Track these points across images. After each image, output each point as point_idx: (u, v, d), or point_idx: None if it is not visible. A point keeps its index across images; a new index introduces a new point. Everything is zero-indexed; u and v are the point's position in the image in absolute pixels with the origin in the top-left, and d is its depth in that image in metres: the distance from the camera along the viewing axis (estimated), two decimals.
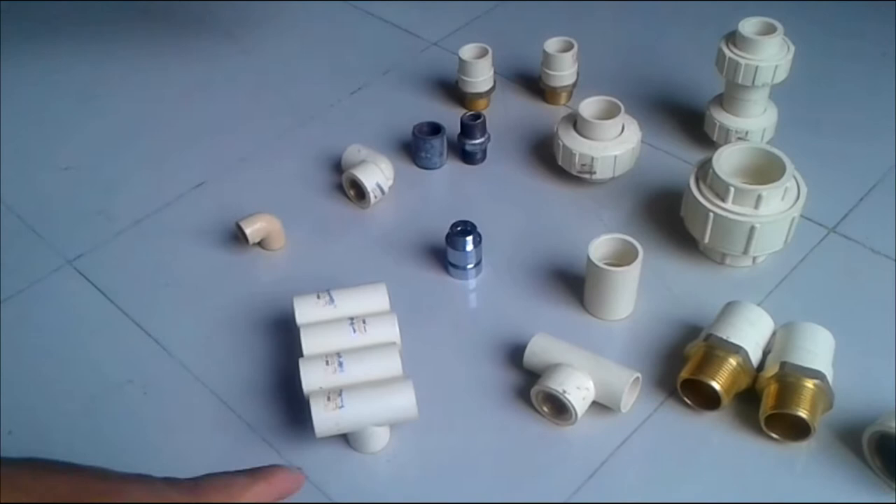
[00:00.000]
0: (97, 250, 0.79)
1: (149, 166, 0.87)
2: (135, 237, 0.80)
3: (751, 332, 0.65)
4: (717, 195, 0.71)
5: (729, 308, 0.67)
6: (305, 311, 0.66)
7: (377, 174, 0.80)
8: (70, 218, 0.82)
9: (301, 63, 1.00)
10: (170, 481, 0.45)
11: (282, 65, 1.00)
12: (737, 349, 0.63)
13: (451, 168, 0.86)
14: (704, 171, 0.73)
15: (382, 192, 0.81)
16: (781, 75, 0.78)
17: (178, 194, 0.84)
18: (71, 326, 0.72)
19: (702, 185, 0.73)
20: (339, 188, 0.83)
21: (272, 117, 0.92)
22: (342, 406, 0.59)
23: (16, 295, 0.75)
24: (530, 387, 0.64)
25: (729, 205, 0.71)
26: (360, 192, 0.81)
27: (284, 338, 0.70)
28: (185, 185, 0.85)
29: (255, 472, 0.47)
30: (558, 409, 0.64)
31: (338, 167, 0.84)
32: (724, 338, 0.64)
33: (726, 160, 0.72)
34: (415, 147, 0.85)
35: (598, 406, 0.64)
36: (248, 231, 0.75)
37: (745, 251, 0.72)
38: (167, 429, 0.65)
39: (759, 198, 0.69)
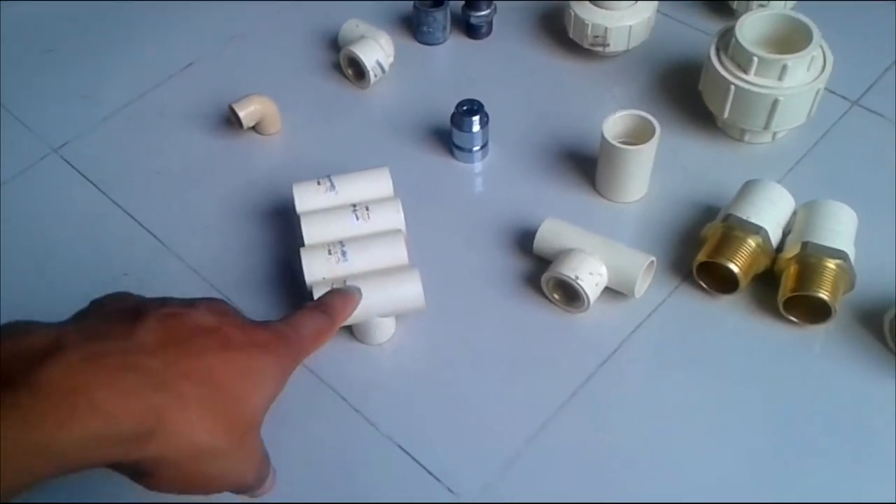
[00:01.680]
0: (83, 137, 0.75)
1: (134, 46, 0.83)
2: (123, 122, 0.76)
3: (771, 212, 0.62)
4: (739, 66, 0.67)
5: (748, 187, 0.64)
6: (305, 199, 0.63)
7: (377, 51, 0.76)
8: (54, 103, 0.78)
9: None
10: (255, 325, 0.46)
11: None
12: (756, 229, 0.60)
13: (455, 43, 0.81)
14: (726, 41, 0.69)
15: (383, 70, 0.76)
16: None
17: (167, 76, 0.79)
18: (61, 219, 0.70)
19: (723, 56, 0.68)
20: (337, 67, 0.79)
21: None
22: None
23: (2, 185, 0.72)
24: (541, 274, 0.62)
25: (752, 76, 0.66)
26: (358, 71, 0.77)
27: (284, 227, 0.68)
28: (173, 66, 0.80)
29: (318, 306, 0.51)
30: (570, 295, 0.62)
31: (335, 44, 0.79)
32: (744, 217, 0.61)
33: (750, 28, 0.68)
34: (416, 21, 0.80)
35: (610, 292, 0.62)
36: (241, 114, 0.71)
37: (766, 126, 0.68)
38: None
39: (784, 68, 0.65)
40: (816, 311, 0.59)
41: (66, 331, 0.40)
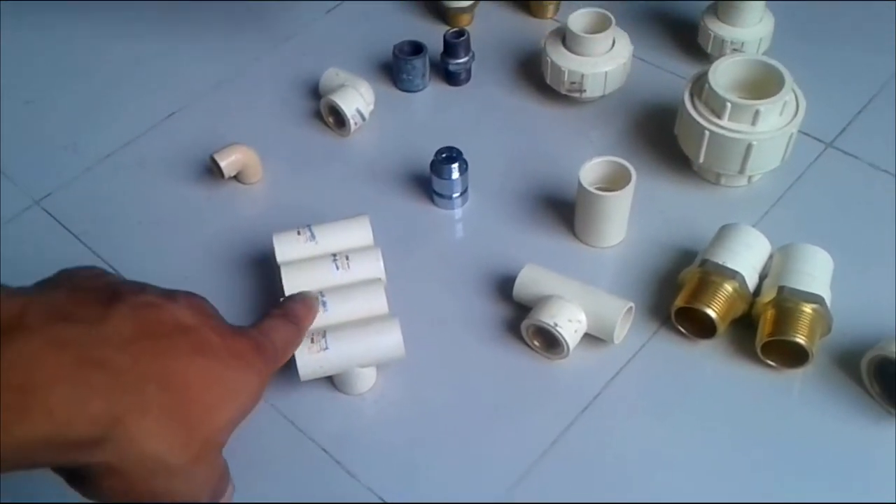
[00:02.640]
0: (66, 188, 0.75)
1: (115, 96, 0.83)
2: (104, 172, 0.76)
3: (747, 256, 0.63)
4: (713, 111, 0.68)
5: (724, 231, 0.65)
6: (286, 249, 0.64)
7: (357, 99, 0.76)
8: (35, 155, 0.78)
9: None
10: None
11: None
12: (733, 274, 0.61)
13: (435, 90, 0.82)
14: (699, 87, 0.70)
15: (363, 118, 0.77)
16: None
17: (149, 126, 0.80)
18: (41, 270, 0.69)
19: (696, 102, 0.69)
20: (318, 115, 0.79)
21: (245, 40, 0.88)
22: (326, 348, 0.57)
23: None
24: (520, 320, 0.62)
25: (725, 121, 0.67)
26: (339, 120, 0.77)
27: (265, 276, 0.68)
28: (155, 116, 0.81)
29: (284, 314, 0.50)
30: (550, 342, 0.62)
31: (315, 93, 0.80)
32: (720, 262, 0.62)
33: (722, 74, 0.69)
34: (396, 69, 0.81)
35: (590, 338, 0.62)
36: (222, 164, 0.72)
37: (741, 170, 0.69)
38: None
39: (756, 113, 0.66)
40: (794, 356, 0.60)
41: (31, 302, 0.37)
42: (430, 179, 0.71)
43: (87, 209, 0.74)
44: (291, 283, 0.61)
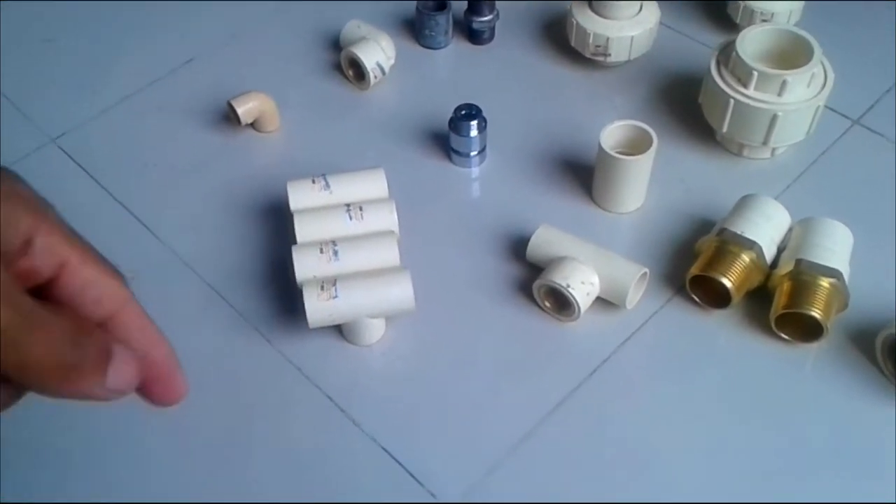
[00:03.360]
0: (82, 128, 0.75)
1: (135, 39, 0.82)
2: (121, 115, 0.76)
3: (766, 227, 0.62)
4: (739, 80, 0.67)
5: (744, 201, 0.64)
6: (299, 197, 0.63)
7: (378, 53, 0.76)
8: (53, 93, 0.78)
9: None
10: None
11: None
12: (751, 245, 0.60)
13: (457, 48, 0.81)
14: (726, 55, 0.68)
15: (383, 72, 0.76)
16: None
17: (168, 70, 0.79)
18: (56, 208, 0.69)
19: (723, 70, 0.68)
20: (338, 67, 0.79)
21: None
22: (336, 296, 0.57)
23: None
24: (533, 281, 0.61)
25: (751, 91, 0.66)
26: (359, 72, 0.77)
27: (278, 224, 0.67)
28: (174, 61, 0.80)
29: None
30: (561, 304, 0.61)
31: (336, 45, 0.79)
32: (738, 232, 0.61)
33: (750, 43, 0.68)
34: (418, 24, 0.80)
35: (602, 302, 0.61)
36: (240, 111, 0.71)
37: (765, 142, 0.68)
38: (156, 316, 0.62)
39: (783, 83, 0.65)
40: (809, 330, 0.59)
41: None
42: (448, 137, 0.70)
43: (103, 150, 0.73)
44: (304, 231, 0.61)
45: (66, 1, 0.86)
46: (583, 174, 0.70)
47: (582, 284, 0.60)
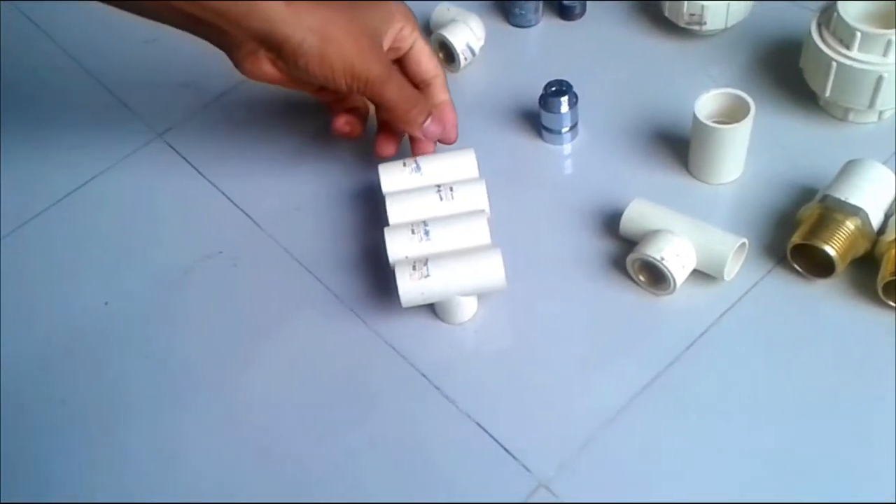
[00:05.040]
0: (186, 123, 0.78)
1: None
2: (222, 109, 0.79)
3: (872, 193, 0.59)
4: (842, 42, 0.64)
5: (849, 167, 0.61)
6: (391, 179, 0.64)
7: (467, 34, 0.76)
8: (157, 91, 0.81)
9: None
10: None
11: None
12: (855, 211, 0.58)
13: (547, 25, 0.80)
14: (828, 17, 0.65)
15: (473, 53, 0.76)
16: None
17: None
18: (162, 199, 0.73)
19: (824, 32, 0.65)
20: None
21: None
22: (428, 275, 0.57)
23: (110, 168, 0.75)
24: (627, 255, 0.60)
25: (855, 52, 0.63)
26: (449, 55, 0.77)
27: (371, 207, 0.68)
28: None
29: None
30: (656, 277, 0.60)
31: (427, 28, 0.80)
32: (842, 199, 0.58)
33: (853, 3, 0.64)
34: (508, 3, 0.80)
35: (699, 274, 0.60)
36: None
37: (871, 105, 0.64)
38: (257, 299, 0.65)
39: (888, 43, 0.62)
40: None
41: None
42: (538, 114, 0.70)
43: (206, 143, 0.76)
44: (396, 212, 0.62)
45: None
46: (678, 147, 0.68)
47: (677, 257, 0.58)
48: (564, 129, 0.70)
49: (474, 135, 0.72)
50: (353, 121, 0.66)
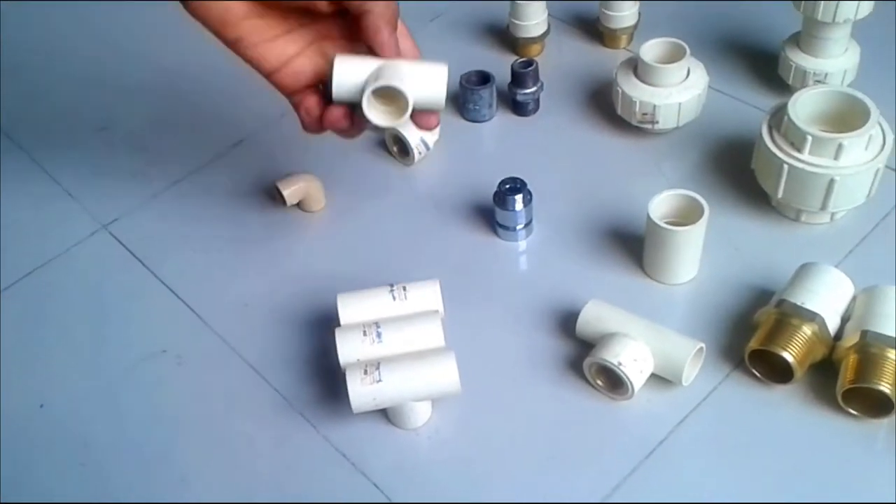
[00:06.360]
0: (133, 213, 0.76)
1: (186, 124, 0.84)
2: (171, 199, 0.77)
3: (828, 297, 0.59)
4: (793, 145, 0.65)
5: (804, 270, 0.61)
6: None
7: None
8: (106, 180, 0.79)
9: None
10: None
11: None
12: (812, 316, 0.57)
13: (501, 120, 0.81)
14: (778, 119, 0.66)
15: (427, 147, 0.76)
16: (865, 10, 0.71)
17: (216, 153, 0.80)
18: (105, 293, 0.70)
19: (775, 134, 0.66)
20: (382, 144, 0.79)
21: None
22: (380, 380, 0.56)
23: (52, 260, 0.73)
24: (584, 358, 0.59)
25: (806, 155, 0.64)
26: (403, 148, 0.76)
27: (322, 306, 0.67)
28: (223, 144, 0.81)
29: None
30: (613, 382, 0.59)
31: None
32: (799, 303, 0.58)
33: (803, 106, 0.66)
34: (462, 98, 0.80)
35: (657, 379, 0.59)
36: (285, 192, 0.71)
37: (823, 207, 0.65)
38: (201, 400, 0.63)
39: (839, 147, 0.63)
40: (878, 405, 0.56)
41: None
42: (493, 211, 0.69)
43: (153, 235, 0.74)
44: (347, 312, 0.60)
45: (118, 89, 0.88)
46: (633, 245, 0.68)
47: (634, 361, 0.57)
48: (519, 227, 0.69)
49: (428, 230, 0.71)
50: (347, 113, 0.58)
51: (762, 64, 0.81)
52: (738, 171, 0.72)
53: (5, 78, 0.90)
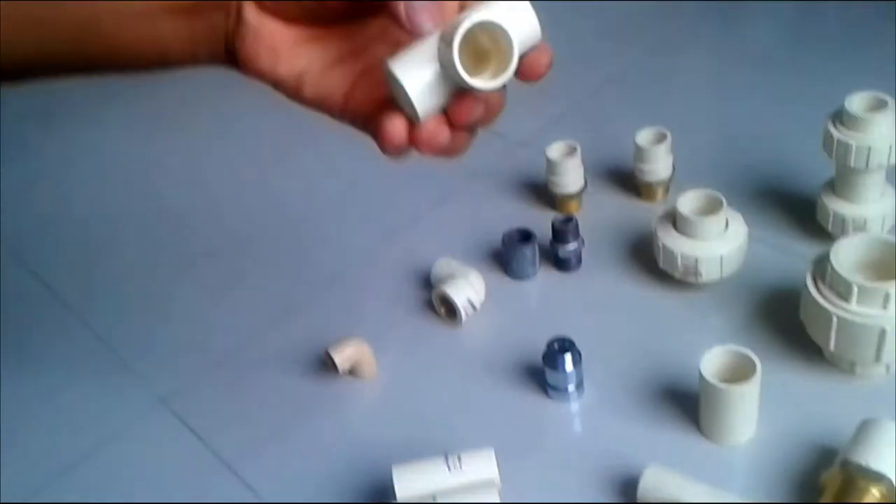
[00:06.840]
0: (190, 387, 0.77)
1: (239, 294, 0.86)
2: (226, 371, 0.78)
3: (894, 456, 0.58)
4: (839, 295, 0.65)
5: (865, 427, 0.60)
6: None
7: (467, 289, 0.77)
8: (163, 351, 0.81)
9: (384, 172, 0.97)
10: None
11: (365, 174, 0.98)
12: (879, 478, 0.56)
13: (545, 276, 0.82)
14: (822, 269, 0.67)
15: (474, 308, 0.77)
16: None
17: (268, 322, 0.82)
18: (164, 474, 0.70)
19: (820, 285, 0.66)
20: (431, 305, 0.80)
21: (356, 234, 0.90)
22: None
23: (110, 439, 0.74)
24: None
25: (854, 306, 0.64)
26: (451, 309, 0.78)
27: (378, 477, 0.66)
28: (274, 312, 0.83)
29: None
30: None
31: (428, 282, 0.81)
32: (864, 464, 0.57)
33: (846, 254, 0.66)
34: (506, 257, 0.82)
35: None
36: (337, 360, 0.72)
37: (877, 358, 0.64)
38: None
39: (886, 296, 0.63)
40: None
41: None
42: (543, 371, 0.70)
43: (210, 409, 0.74)
44: (403, 487, 0.60)
45: (178, 257, 0.91)
46: (686, 402, 0.67)
47: None
48: (570, 387, 0.69)
49: (479, 396, 0.71)
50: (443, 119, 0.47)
51: (800, 209, 0.82)
52: (788, 321, 0.71)
53: (59, 242, 0.94)
